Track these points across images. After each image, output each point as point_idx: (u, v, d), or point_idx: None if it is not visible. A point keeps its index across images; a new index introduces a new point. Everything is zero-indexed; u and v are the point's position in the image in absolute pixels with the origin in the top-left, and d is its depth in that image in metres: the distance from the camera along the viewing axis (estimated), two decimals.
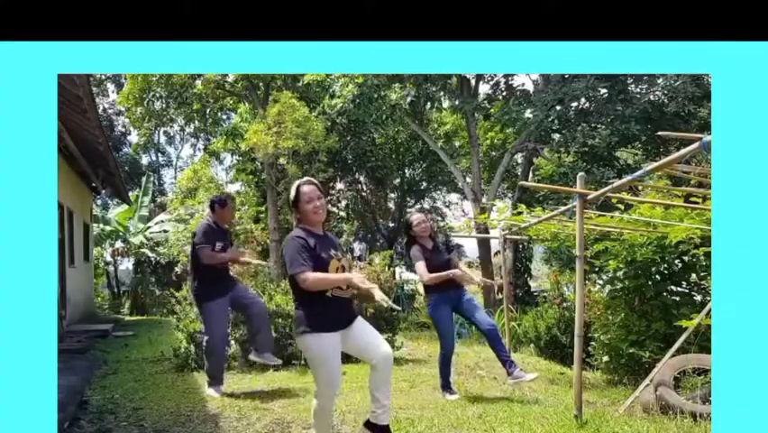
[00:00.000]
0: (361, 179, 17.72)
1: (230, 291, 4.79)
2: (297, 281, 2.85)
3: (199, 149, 27.92)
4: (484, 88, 13.66)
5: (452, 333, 4.69)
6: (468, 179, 14.46)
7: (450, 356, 4.68)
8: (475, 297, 5.03)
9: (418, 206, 20.33)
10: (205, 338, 4.81)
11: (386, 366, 2.99)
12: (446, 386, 4.67)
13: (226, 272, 4.93)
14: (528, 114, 11.56)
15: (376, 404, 3.06)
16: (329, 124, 13.08)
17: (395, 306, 3.12)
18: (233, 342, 5.73)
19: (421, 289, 12.96)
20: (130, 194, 15.65)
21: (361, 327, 3.06)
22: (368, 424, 3.11)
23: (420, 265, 4.59)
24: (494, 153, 15.99)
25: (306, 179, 3.11)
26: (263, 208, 14.49)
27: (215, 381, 4.75)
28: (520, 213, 5.98)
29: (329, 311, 2.91)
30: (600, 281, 6.38)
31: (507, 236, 7.05)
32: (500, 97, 12.77)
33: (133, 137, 26.62)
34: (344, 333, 2.97)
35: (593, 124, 11.30)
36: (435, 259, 4.65)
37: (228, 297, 4.76)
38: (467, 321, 4.85)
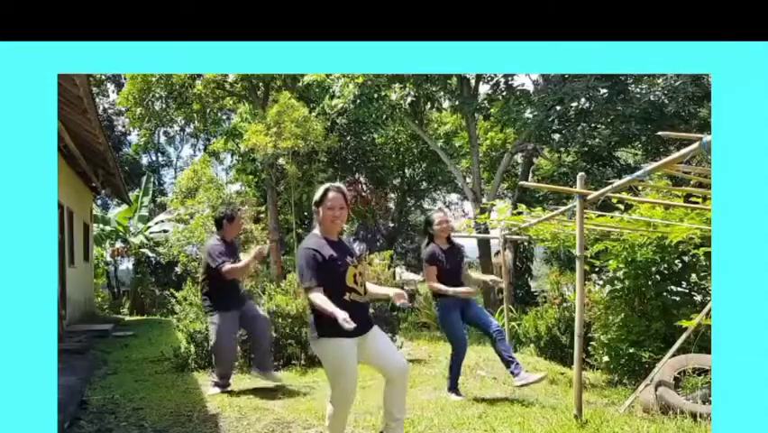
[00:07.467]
0: (361, 179, 17.72)
1: (241, 306, 4.81)
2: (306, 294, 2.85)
3: (199, 149, 27.97)
4: (484, 88, 13.65)
5: (464, 336, 4.67)
6: (468, 180, 14.46)
7: (462, 359, 4.68)
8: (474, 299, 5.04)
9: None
10: (213, 344, 4.84)
11: (401, 380, 2.92)
12: (454, 387, 4.67)
13: (237, 288, 4.89)
14: (528, 114, 11.54)
15: (388, 417, 2.97)
16: (329, 124, 13.06)
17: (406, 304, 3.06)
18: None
19: (421, 289, 12.98)
20: (130, 194, 15.63)
21: (377, 336, 2.96)
22: None
23: (431, 271, 4.59)
24: (494, 153, 15.96)
25: (336, 184, 3.03)
26: (263, 208, 14.49)
27: (223, 381, 4.80)
28: (520, 213, 5.97)
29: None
30: (600, 281, 6.38)
31: (507, 236, 7.05)
32: (500, 97, 12.77)
33: (133, 137, 26.62)
34: (361, 340, 2.87)
35: (593, 124, 11.29)
36: (448, 262, 4.64)
37: (239, 311, 4.79)
38: (472, 325, 4.80)
